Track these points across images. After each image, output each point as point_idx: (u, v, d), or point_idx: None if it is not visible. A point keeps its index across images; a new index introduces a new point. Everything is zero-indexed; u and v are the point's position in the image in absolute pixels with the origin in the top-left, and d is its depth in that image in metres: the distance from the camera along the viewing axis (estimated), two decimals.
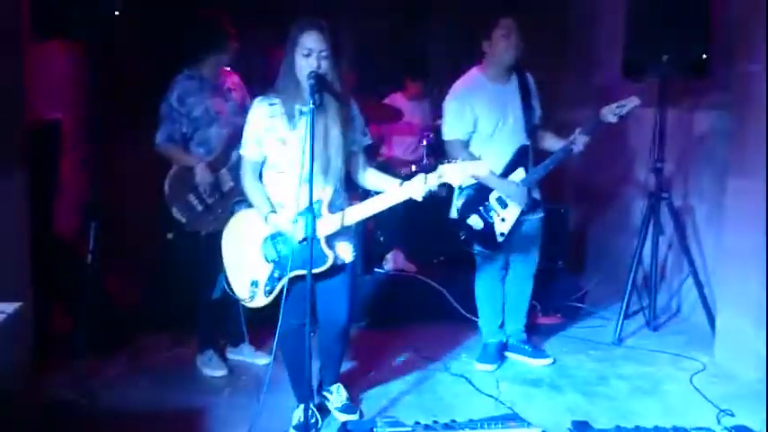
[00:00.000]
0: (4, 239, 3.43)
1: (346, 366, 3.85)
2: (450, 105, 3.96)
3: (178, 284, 4.11)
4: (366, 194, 4.94)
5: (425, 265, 5.28)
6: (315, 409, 3.35)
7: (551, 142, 4.04)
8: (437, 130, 5.64)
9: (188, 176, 3.84)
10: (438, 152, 5.60)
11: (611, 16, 5.31)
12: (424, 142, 5.70)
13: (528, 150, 3.95)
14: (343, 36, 3.13)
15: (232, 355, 4.17)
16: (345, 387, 3.55)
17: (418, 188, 3.07)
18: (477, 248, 4.03)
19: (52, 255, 4.10)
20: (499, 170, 3.91)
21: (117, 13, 3.64)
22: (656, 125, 4.48)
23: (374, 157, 6.04)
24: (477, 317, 4.26)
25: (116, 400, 3.62)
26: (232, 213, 3.67)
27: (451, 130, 3.94)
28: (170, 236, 3.99)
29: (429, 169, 5.28)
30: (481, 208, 3.94)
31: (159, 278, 4.66)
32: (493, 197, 3.92)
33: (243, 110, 3.87)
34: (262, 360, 4.08)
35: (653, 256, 4.63)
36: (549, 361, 4.13)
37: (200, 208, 3.86)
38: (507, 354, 4.20)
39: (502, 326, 4.22)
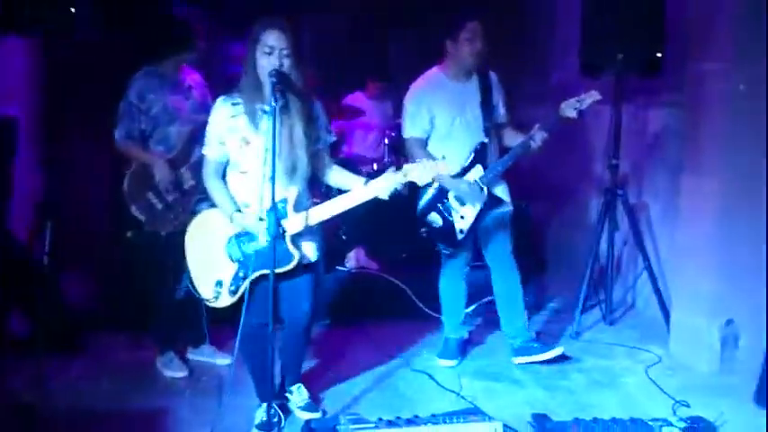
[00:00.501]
0: None
1: (309, 365, 3.86)
2: (408, 104, 3.98)
3: (137, 285, 4.06)
4: (328, 193, 4.98)
5: (387, 263, 5.31)
6: (278, 408, 3.34)
7: (512, 139, 4.05)
8: (399, 129, 5.69)
9: (147, 175, 3.79)
10: (400, 150, 5.63)
11: (568, 15, 5.39)
12: (386, 141, 5.72)
13: (486, 148, 3.96)
14: (304, 35, 3.11)
15: (193, 355, 4.13)
16: (308, 385, 3.55)
17: (384, 187, 3.08)
18: (439, 246, 4.05)
19: (7, 255, 4.02)
20: (457, 168, 3.91)
21: (73, 10, 3.56)
22: (612, 123, 4.57)
23: (335, 154, 6.06)
24: (440, 313, 4.29)
25: (76, 401, 3.56)
26: (193, 212, 3.65)
27: (409, 128, 3.97)
28: (129, 234, 3.95)
29: (390, 168, 5.33)
30: (440, 205, 3.96)
31: (118, 278, 4.60)
32: (452, 195, 3.95)
33: (204, 108, 3.84)
34: (223, 360, 4.05)
35: (609, 252, 4.73)
36: (560, 350, 4.04)
37: (159, 206, 3.82)
38: (516, 359, 4.08)
39: (464, 322, 4.27)
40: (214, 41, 5.22)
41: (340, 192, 3.29)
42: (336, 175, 3.33)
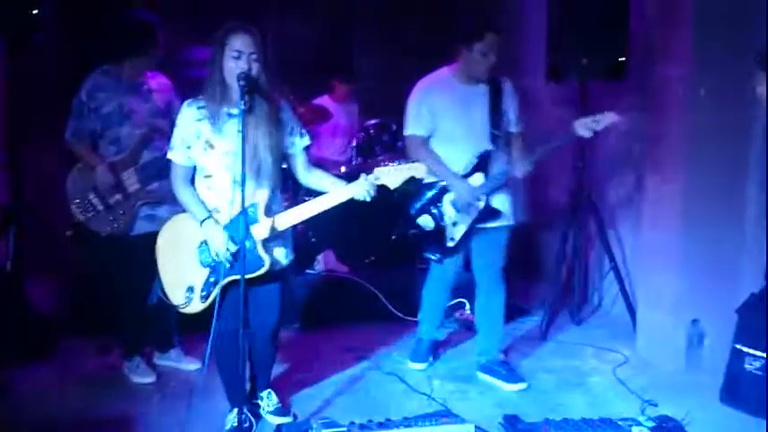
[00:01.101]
0: None
1: (279, 369, 3.84)
2: (410, 101, 3.84)
3: (102, 289, 4.00)
4: (296, 196, 4.96)
5: (356, 266, 5.30)
6: (248, 414, 3.32)
7: (520, 151, 3.84)
8: (366, 131, 5.69)
9: (90, 175, 3.77)
10: (367, 153, 5.63)
11: (535, 21, 5.45)
12: (354, 143, 5.71)
13: (490, 156, 3.78)
14: (268, 39, 3.09)
15: (160, 360, 4.09)
16: (278, 390, 3.53)
17: (362, 189, 3.08)
18: (427, 253, 3.88)
19: None
20: (457, 172, 3.78)
21: (36, 11, 3.50)
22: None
23: None
24: (410, 315, 4.28)
25: (42, 408, 3.51)
26: (134, 216, 3.70)
27: (410, 125, 3.83)
28: (68, 233, 3.92)
29: (358, 170, 5.32)
30: (434, 209, 3.82)
31: (84, 283, 4.52)
32: (447, 199, 3.79)
33: (166, 112, 3.81)
34: (191, 366, 4.02)
35: (575, 253, 4.79)
36: (522, 386, 3.83)
37: (100, 207, 3.78)
38: (479, 375, 3.98)
39: (440, 326, 4.23)
40: (178, 46, 5.17)
41: (310, 194, 3.28)
42: (315, 179, 3.31)
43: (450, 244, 3.82)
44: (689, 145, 3.97)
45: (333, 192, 3.13)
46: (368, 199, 3.08)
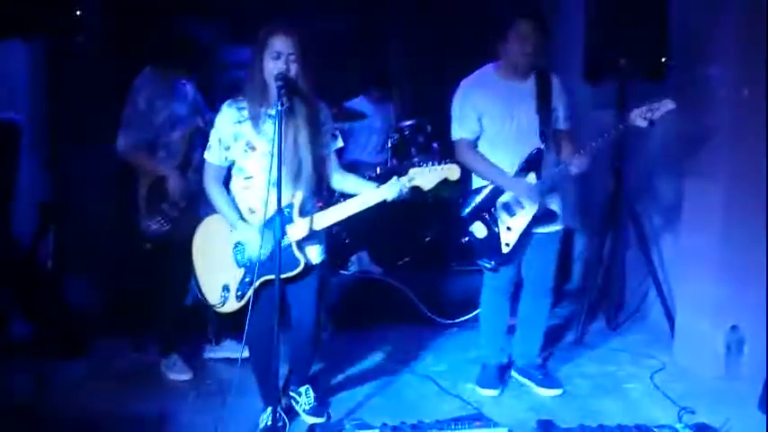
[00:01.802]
0: None
1: (312, 369, 3.84)
2: (454, 103, 3.71)
3: (144, 288, 4.06)
4: (330, 198, 4.98)
5: (390, 267, 5.29)
6: (282, 412, 3.33)
7: (567, 150, 3.71)
8: (400, 132, 5.69)
9: (162, 186, 3.73)
10: (402, 154, 5.63)
11: (572, 20, 5.39)
12: (389, 144, 5.71)
13: (542, 155, 3.64)
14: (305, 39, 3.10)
15: (213, 353, 4.13)
16: (313, 390, 3.54)
17: (394, 190, 3.08)
18: (480, 259, 3.73)
19: (11, 259, 4.01)
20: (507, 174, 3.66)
21: (78, 13, 3.56)
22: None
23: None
24: (444, 317, 4.24)
25: (79, 405, 3.56)
26: (199, 214, 3.64)
27: (457, 128, 3.69)
28: (148, 246, 3.82)
29: (393, 171, 5.32)
30: (486, 215, 3.68)
31: (121, 281, 4.59)
32: (500, 203, 3.66)
33: (197, 110, 3.84)
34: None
35: (613, 257, 4.72)
36: (558, 392, 3.77)
37: (175, 214, 3.76)
38: (515, 375, 3.95)
39: (503, 347, 3.97)
40: (215, 47, 5.23)
41: (344, 197, 3.29)
42: (344, 180, 3.32)
43: (506, 250, 3.67)
44: (730, 147, 3.90)
45: (365, 193, 3.14)
46: (393, 197, 3.08)
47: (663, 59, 4.34)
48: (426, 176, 3.09)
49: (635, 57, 4.39)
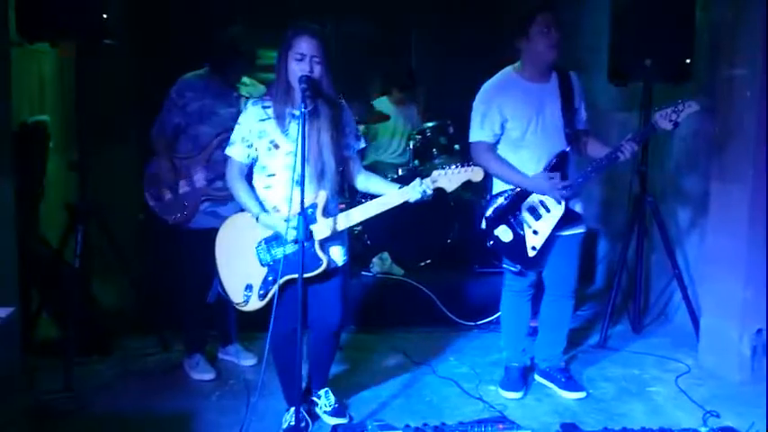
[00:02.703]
0: None
1: (334, 370, 3.86)
2: (476, 106, 3.64)
3: (164, 287, 4.11)
4: (353, 199, 5.00)
5: (412, 269, 5.30)
6: (305, 413, 3.35)
7: (595, 149, 3.70)
8: (423, 134, 5.69)
9: (163, 167, 3.94)
10: (424, 156, 5.63)
11: (595, 21, 5.36)
12: (411, 145, 5.71)
13: (567, 156, 3.61)
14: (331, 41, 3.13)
15: (222, 355, 4.19)
16: (333, 391, 3.55)
17: (416, 192, 3.10)
18: (505, 262, 3.72)
19: (39, 259, 4.07)
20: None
21: (106, 16, 3.61)
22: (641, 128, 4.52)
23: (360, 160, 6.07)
24: (465, 318, 4.24)
25: (104, 404, 3.60)
26: (196, 209, 3.86)
27: (476, 131, 3.64)
28: (141, 216, 4.11)
29: (415, 173, 5.33)
30: (511, 218, 3.64)
31: (145, 282, 4.64)
32: (525, 206, 3.62)
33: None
34: (248, 361, 4.09)
35: (637, 259, 4.68)
36: (581, 395, 3.75)
37: (169, 196, 3.93)
38: (538, 378, 3.93)
39: (525, 349, 3.94)
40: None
41: (366, 197, 3.30)
42: (367, 181, 3.35)
43: (532, 254, 3.63)
44: (756, 148, 3.85)
45: (388, 195, 3.16)
46: (416, 199, 3.09)
47: (688, 60, 4.31)
48: (450, 178, 3.12)
49: (660, 57, 4.35)
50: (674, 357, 4.27)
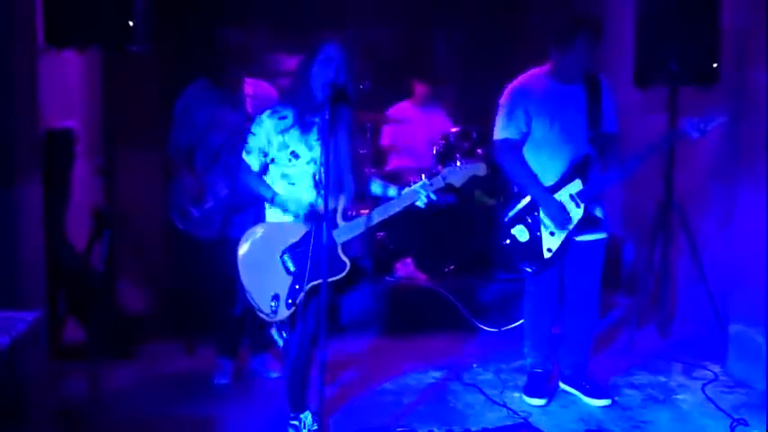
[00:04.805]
0: (19, 248, 3.44)
1: (357, 375, 3.85)
2: (503, 104, 3.63)
3: (195, 293, 4.13)
4: (372, 203, 5.00)
5: (435, 274, 5.28)
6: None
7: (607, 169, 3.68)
8: (446, 139, 5.67)
9: (183, 185, 3.94)
10: (447, 161, 5.60)
11: (620, 24, 5.32)
12: (434, 150, 5.70)
13: (589, 160, 3.58)
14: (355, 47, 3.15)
15: (253, 362, 4.17)
16: (354, 396, 3.54)
17: (418, 194, 3.11)
18: (522, 265, 3.69)
19: (64, 264, 4.11)
20: (552, 179, 3.60)
21: (131, 23, 3.64)
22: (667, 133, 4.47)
23: (383, 165, 6.06)
24: (489, 325, 4.22)
25: (129, 407, 3.63)
26: (226, 221, 3.82)
27: (501, 128, 3.61)
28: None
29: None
30: (529, 218, 3.62)
31: (171, 286, 4.68)
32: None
33: (254, 119, 3.90)
34: (273, 374, 4.07)
35: (664, 265, 4.63)
36: (606, 402, 3.69)
37: (196, 214, 3.91)
38: (562, 385, 3.89)
39: (549, 356, 3.90)
40: (260, 55, 5.30)
41: (376, 202, 3.32)
42: (374, 186, 3.36)
43: (547, 255, 3.61)
44: None
45: (402, 197, 3.17)
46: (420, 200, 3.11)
47: (714, 64, 4.26)
48: (456, 174, 3.17)
49: (686, 61, 4.30)
50: (701, 364, 4.23)
